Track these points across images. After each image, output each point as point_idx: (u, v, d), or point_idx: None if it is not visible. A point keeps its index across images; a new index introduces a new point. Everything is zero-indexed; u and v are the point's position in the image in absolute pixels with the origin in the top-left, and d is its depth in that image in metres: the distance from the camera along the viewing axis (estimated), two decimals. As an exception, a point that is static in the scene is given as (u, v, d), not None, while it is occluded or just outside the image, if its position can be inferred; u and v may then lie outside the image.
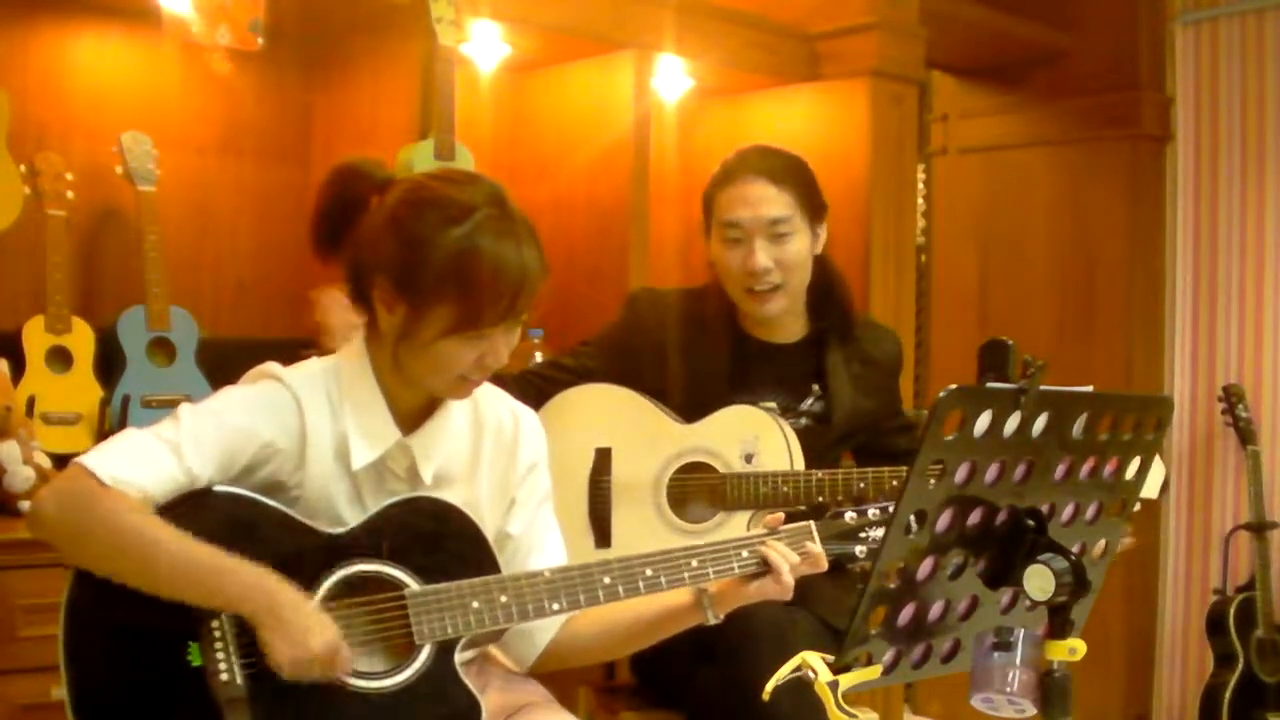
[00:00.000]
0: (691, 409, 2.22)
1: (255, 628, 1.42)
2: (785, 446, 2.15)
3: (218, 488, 1.51)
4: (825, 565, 1.69)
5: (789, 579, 1.64)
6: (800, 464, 2.14)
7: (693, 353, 2.27)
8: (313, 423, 1.56)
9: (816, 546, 1.69)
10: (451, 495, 1.62)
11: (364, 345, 1.62)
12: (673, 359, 2.28)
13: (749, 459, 2.16)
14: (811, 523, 1.72)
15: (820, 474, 2.13)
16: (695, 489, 2.20)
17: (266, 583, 1.43)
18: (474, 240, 1.50)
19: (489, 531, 1.63)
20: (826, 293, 2.30)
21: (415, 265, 1.50)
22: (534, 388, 2.24)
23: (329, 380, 1.59)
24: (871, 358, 2.32)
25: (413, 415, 1.63)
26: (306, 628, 1.41)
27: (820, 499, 2.12)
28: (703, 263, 2.35)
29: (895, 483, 2.11)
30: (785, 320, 2.30)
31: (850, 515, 1.75)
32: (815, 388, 2.29)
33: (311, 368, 1.61)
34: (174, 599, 1.43)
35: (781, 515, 1.71)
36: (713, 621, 1.67)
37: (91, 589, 1.45)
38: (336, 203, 1.60)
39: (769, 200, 2.20)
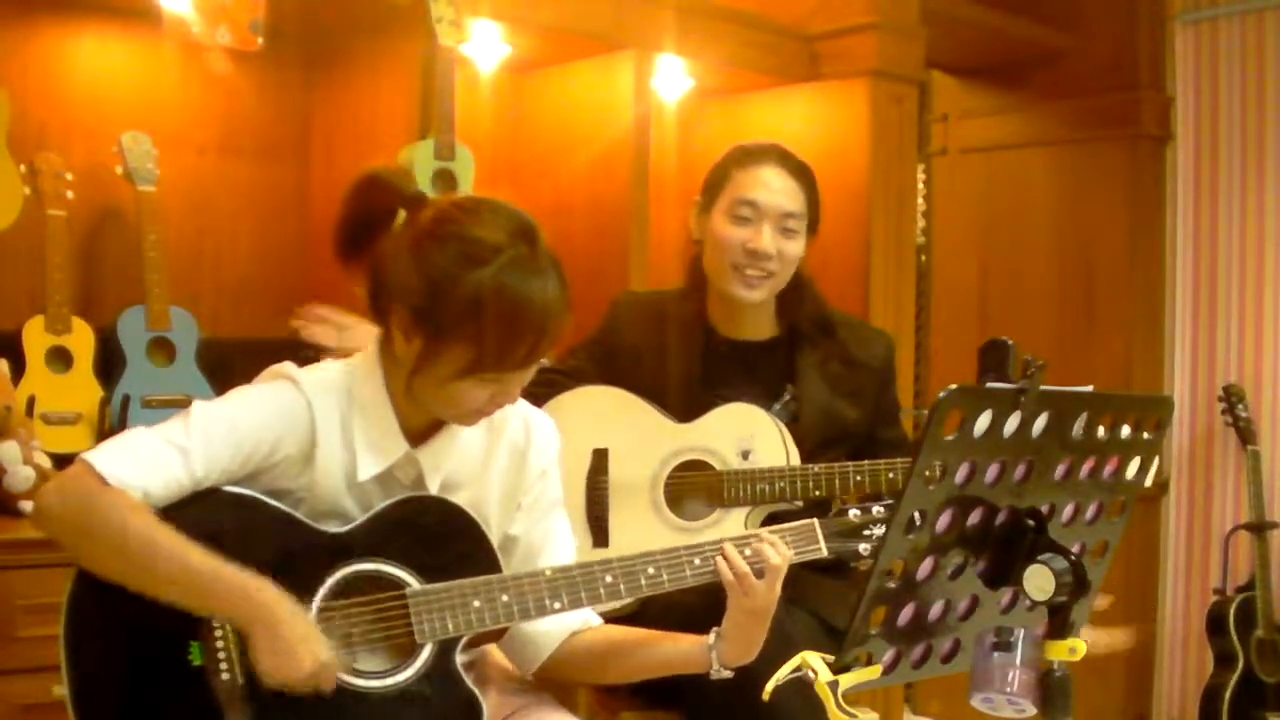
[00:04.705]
0: (672, 411, 2.23)
1: (246, 637, 1.41)
2: (781, 443, 2.15)
3: (223, 488, 1.50)
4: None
5: (754, 582, 1.58)
6: (796, 460, 2.14)
7: (667, 355, 2.28)
8: (323, 429, 1.55)
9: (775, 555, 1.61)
10: (457, 497, 1.62)
11: (378, 356, 1.60)
12: (650, 362, 2.28)
13: (745, 456, 2.16)
14: (815, 520, 1.72)
15: (817, 469, 2.13)
16: (693, 487, 2.19)
17: (263, 594, 1.42)
18: (497, 283, 1.46)
19: (493, 534, 1.63)
20: (796, 293, 2.30)
21: (435, 302, 1.47)
22: (530, 398, 2.24)
23: (342, 387, 1.58)
24: (855, 359, 2.29)
25: (423, 428, 1.61)
26: (296, 649, 1.40)
27: (817, 493, 2.12)
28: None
29: (891, 475, 2.10)
30: (756, 316, 2.29)
31: (854, 513, 1.75)
32: (789, 387, 2.27)
33: (327, 372, 1.59)
34: (170, 603, 1.42)
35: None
36: (715, 675, 1.62)
37: (93, 587, 1.44)
38: (361, 212, 1.58)
39: (789, 193, 2.23)
